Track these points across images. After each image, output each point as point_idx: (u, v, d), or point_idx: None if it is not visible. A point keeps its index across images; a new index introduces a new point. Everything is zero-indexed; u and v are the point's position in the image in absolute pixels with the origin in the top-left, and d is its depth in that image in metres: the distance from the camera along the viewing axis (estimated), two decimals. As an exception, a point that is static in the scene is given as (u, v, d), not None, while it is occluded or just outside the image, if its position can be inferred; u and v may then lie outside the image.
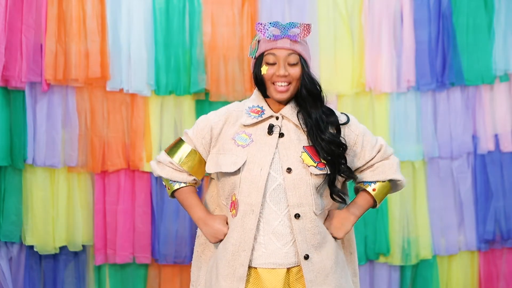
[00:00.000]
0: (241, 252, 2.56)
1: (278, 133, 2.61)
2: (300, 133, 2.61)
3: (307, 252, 2.56)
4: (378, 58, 4.32)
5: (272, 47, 2.59)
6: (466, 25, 4.39)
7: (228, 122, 2.67)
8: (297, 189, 2.56)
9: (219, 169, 2.61)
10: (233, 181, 2.59)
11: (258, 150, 2.59)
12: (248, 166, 2.57)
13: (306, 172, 2.56)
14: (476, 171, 4.46)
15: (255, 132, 2.62)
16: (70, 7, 4.11)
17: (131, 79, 4.17)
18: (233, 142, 2.62)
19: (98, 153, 4.16)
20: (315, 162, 2.57)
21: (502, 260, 4.51)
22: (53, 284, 4.20)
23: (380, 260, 4.38)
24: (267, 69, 2.59)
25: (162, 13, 4.21)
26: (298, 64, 2.60)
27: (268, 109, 2.64)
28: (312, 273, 2.56)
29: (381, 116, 4.36)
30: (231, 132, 2.64)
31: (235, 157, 2.59)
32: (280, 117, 2.63)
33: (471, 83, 4.40)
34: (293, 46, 2.59)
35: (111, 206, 4.19)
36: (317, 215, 2.59)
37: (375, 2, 4.34)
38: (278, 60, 2.58)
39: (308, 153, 2.58)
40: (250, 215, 2.56)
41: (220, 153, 2.64)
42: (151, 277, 4.29)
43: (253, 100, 2.69)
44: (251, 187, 2.56)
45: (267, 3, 4.29)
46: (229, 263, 2.57)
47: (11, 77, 4.04)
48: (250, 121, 2.62)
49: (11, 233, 4.11)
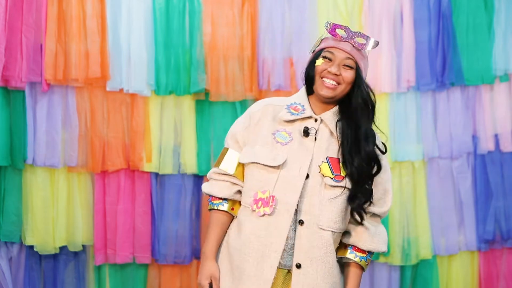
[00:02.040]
0: (272, 253, 2.51)
1: (314, 136, 2.58)
2: (332, 142, 2.58)
3: (300, 261, 2.52)
4: (378, 58, 4.32)
5: (333, 45, 2.59)
6: (466, 25, 4.39)
7: (267, 115, 2.62)
8: (309, 196, 2.53)
9: (256, 160, 2.55)
10: (268, 177, 2.54)
11: (298, 150, 2.55)
12: (289, 165, 2.53)
13: (320, 182, 2.54)
14: (476, 171, 4.46)
15: (294, 131, 2.58)
16: (70, 7, 4.11)
17: (131, 79, 4.17)
18: (272, 138, 2.58)
19: (98, 153, 4.16)
20: (333, 174, 2.54)
21: (502, 260, 4.51)
22: (53, 284, 4.19)
23: (380, 260, 4.38)
24: (322, 62, 2.58)
25: (162, 13, 4.21)
26: (352, 70, 2.58)
27: (309, 109, 2.61)
28: (299, 284, 2.51)
29: (381, 116, 4.35)
30: (271, 127, 2.60)
31: (275, 153, 2.55)
32: (319, 120, 2.60)
33: (471, 83, 4.40)
34: (353, 52, 2.58)
35: (111, 206, 4.19)
36: (323, 229, 2.53)
37: (375, 2, 4.34)
38: (335, 59, 2.57)
39: (330, 164, 2.55)
40: (285, 215, 2.51)
41: (258, 144, 2.58)
42: (151, 277, 4.29)
43: (297, 97, 2.66)
44: (288, 187, 2.52)
45: (267, 3, 4.29)
46: (258, 263, 2.51)
47: (11, 77, 4.04)
48: (288, 117, 2.58)
49: (11, 233, 4.11)
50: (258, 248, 2.52)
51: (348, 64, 2.57)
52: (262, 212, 2.52)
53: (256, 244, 2.52)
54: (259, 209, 2.53)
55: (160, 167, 4.22)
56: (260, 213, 2.53)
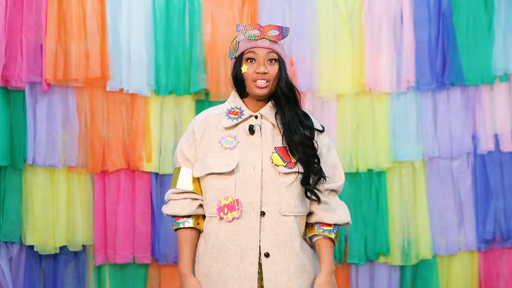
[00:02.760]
0: (249, 251, 2.59)
1: (259, 131, 2.66)
2: (276, 133, 2.68)
3: (268, 250, 2.59)
4: (378, 58, 4.32)
5: (252, 46, 2.67)
6: (466, 25, 4.39)
7: (209, 126, 2.71)
8: (266, 187, 2.61)
9: (211, 170, 2.63)
10: (226, 183, 2.62)
11: (247, 150, 2.64)
12: (242, 167, 2.62)
13: (274, 172, 2.62)
14: (476, 171, 4.46)
15: (238, 133, 2.67)
16: (70, 7, 4.11)
17: (131, 79, 4.17)
18: (220, 146, 2.66)
19: (98, 153, 4.16)
20: (285, 162, 2.63)
21: (502, 260, 4.51)
22: (53, 284, 4.19)
23: (380, 260, 4.38)
24: (247, 67, 2.67)
25: (162, 13, 4.21)
26: (276, 63, 2.67)
27: (246, 109, 2.70)
28: (271, 272, 2.59)
29: (381, 116, 4.36)
30: (216, 136, 2.68)
31: (226, 159, 2.63)
32: (259, 116, 2.69)
33: (471, 83, 4.40)
34: (272, 46, 2.67)
35: (111, 206, 4.19)
36: (285, 215, 2.61)
37: (375, 2, 4.34)
38: (258, 58, 2.66)
39: (279, 153, 2.64)
40: (251, 213, 2.60)
41: (208, 156, 2.66)
42: (151, 277, 4.29)
43: (230, 102, 2.75)
44: (248, 186, 2.61)
45: (267, 3, 4.29)
46: (238, 264, 2.59)
47: (11, 77, 4.04)
48: (230, 123, 2.68)
49: (11, 233, 4.11)
50: (235, 251, 2.60)
51: (271, 58, 2.67)
52: (231, 217, 2.61)
53: (232, 249, 2.60)
54: (226, 215, 2.61)
55: (160, 167, 4.22)
56: (229, 219, 2.61)
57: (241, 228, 2.60)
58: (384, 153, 4.33)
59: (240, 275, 2.59)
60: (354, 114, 4.34)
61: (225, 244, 2.61)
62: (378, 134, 4.34)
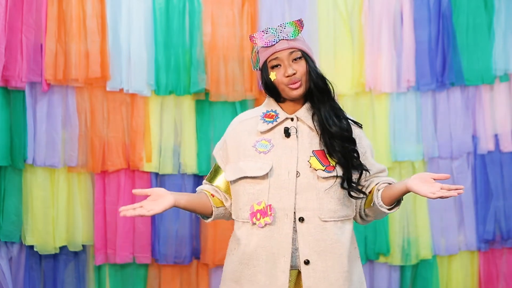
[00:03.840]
0: (281, 258, 2.53)
1: (295, 134, 2.60)
2: (313, 136, 2.61)
3: (307, 257, 2.53)
4: (378, 58, 4.32)
5: (272, 52, 2.61)
6: (466, 25, 4.39)
7: (242, 131, 2.67)
8: (303, 193, 2.55)
9: (243, 174, 2.59)
10: (260, 188, 2.57)
11: (282, 154, 2.58)
12: (276, 171, 2.56)
13: (313, 176, 2.56)
14: (476, 171, 4.46)
15: (274, 137, 2.61)
16: (70, 7, 4.11)
17: (131, 79, 4.17)
18: (254, 150, 2.61)
19: (98, 153, 4.16)
20: (324, 165, 2.56)
21: (502, 260, 4.51)
22: (53, 284, 4.19)
23: (380, 260, 4.38)
24: (275, 74, 2.60)
25: (162, 13, 4.21)
26: (302, 59, 2.62)
27: (282, 112, 2.65)
28: (311, 279, 2.53)
29: (381, 116, 4.36)
30: (250, 140, 2.63)
31: (260, 163, 2.58)
32: (295, 119, 2.63)
33: (471, 83, 4.40)
34: (292, 44, 2.62)
35: (111, 206, 4.19)
36: (325, 221, 2.56)
37: (375, 2, 4.34)
38: (283, 61, 2.60)
39: (317, 157, 2.58)
40: (284, 220, 2.54)
41: (241, 160, 2.62)
42: (151, 277, 4.29)
43: (266, 105, 2.69)
44: (281, 192, 2.55)
45: (267, 3, 4.29)
46: (270, 271, 2.53)
47: (11, 77, 4.04)
48: (266, 127, 2.62)
49: (11, 233, 4.11)
50: (267, 258, 2.54)
51: (295, 57, 2.62)
52: (264, 223, 2.55)
53: (264, 255, 2.55)
54: (259, 220, 2.56)
55: (160, 167, 4.22)
56: (261, 224, 2.55)
57: (273, 235, 2.54)
58: (384, 153, 4.33)
59: (271, 282, 2.53)
60: (354, 114, 4.33)
61: (256, 250, 2.55)
62: (378, 134, 4.34)
